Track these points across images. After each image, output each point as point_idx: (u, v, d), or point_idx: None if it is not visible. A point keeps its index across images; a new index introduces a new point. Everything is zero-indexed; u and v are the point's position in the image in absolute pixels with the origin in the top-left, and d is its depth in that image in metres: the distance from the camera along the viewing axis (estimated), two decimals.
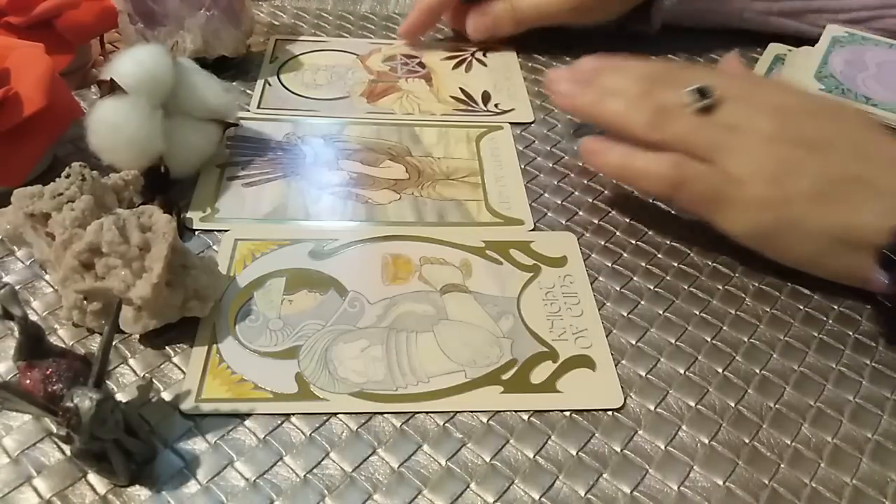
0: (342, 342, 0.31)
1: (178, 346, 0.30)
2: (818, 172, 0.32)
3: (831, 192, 0.32)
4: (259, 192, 0.38)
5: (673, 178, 0.34)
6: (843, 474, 0.28)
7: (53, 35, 0.42)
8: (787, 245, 0.33)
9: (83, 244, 0.29)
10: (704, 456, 0.28)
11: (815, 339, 0.33)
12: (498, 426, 0.28)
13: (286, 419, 0.28)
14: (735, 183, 0.33)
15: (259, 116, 0.44)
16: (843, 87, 0.42)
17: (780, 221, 0.32)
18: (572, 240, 0.37)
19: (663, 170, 0.34)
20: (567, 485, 0.27)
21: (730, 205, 0.33)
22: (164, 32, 0.44)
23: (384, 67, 0.50)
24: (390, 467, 0.27)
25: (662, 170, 0.34)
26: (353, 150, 0.42)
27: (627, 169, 0.36)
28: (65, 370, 0.26)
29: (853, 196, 0.32)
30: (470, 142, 0.43)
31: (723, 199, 0.33)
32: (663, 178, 0.34)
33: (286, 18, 0.55)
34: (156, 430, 0.27)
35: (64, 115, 0.37)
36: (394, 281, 0.34)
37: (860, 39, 0.46)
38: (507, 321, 0.32)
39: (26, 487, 0.26)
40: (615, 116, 0.37)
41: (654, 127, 0.35)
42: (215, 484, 0.26)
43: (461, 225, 0.37)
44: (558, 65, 0.51)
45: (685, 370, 0.31)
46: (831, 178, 0.32)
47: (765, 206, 0.32)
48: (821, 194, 0.32)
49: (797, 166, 0.32)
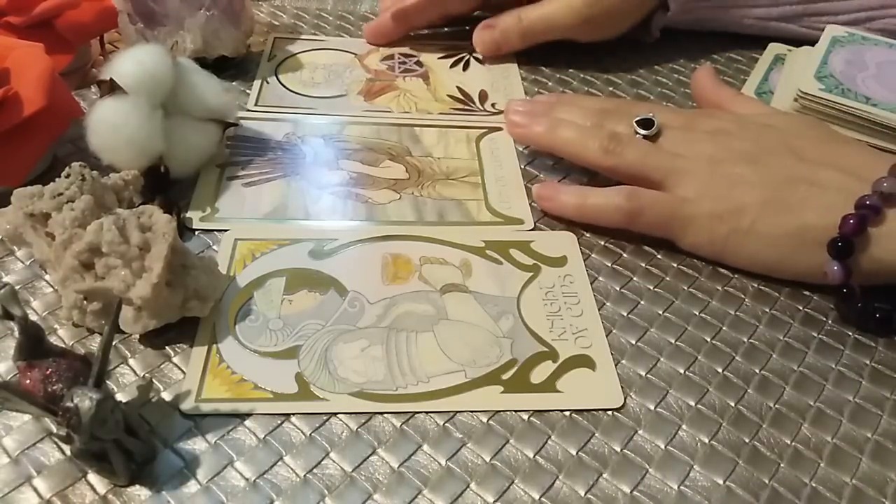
0: (342, 342, 0.31)
1: (178, 346, 0.30)
2: (762, 181, 0.34)
3: (777, 197, 0.34)
4: (259, 191, 0.38)
5: (630, 210, 0.35)
6: (843, 474, 0.28)
7: (53, 35, 0.42)
8: (748, 253, 0.35)
9: (83, 244, 0.29)
10: (704, 455, 0.28)
11: (815, 340, 0.33)
12: (498, 426, 0.28)
13: (286, 419, 0.28)
14: (688, 203, 0.35)
15: (257, 113, 0.44)
16: (843, 87, 0.42)
17: (736, 232, 0.34)
18: (572, 240, 0.37)
19: (619, 202, 0.36)
20: (567, 485, 0.27)
21: (687, 224, 0.35)
22: (164, 32, 0.44)
23: (382, 66, 0.50)
24: (390, 467, 0.27)
25: (618, 202, 0.36)
26: (352, 150, 0.42)
27: (584, 207, 0.37)
28: (65, 370, 0.26)
29: (798, 198, 0.34)
30: (470, 142, 0.43)
31: (679, 220, 0.35)
32: (620, 210, 0.36)
33: (286, 18, 0.55)
34: (156, 430, 0.27)
35: (64, 115, 0.37)
36: (394, 281, 0.34)
37: (860, 39, 0.46)
38: (507, 321, 0.32)
39: (26, 487, 0.25)
40: (568, 144, 0.39)
41: (608, 152, 0.37)
42: (215, 484, 0.26)
43: (461, 225, 0.37)
44: (557, 66, 0.51)
45: (685, 370, 0.31)
46: (775, 184, 0.34)
47: (719, 219, 0.34)
48: (768, 201, 0.34)
49: (742, 179, 0.35)
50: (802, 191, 0.33)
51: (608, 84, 0.50)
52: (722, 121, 0.38)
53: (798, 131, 0.37)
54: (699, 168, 0.35)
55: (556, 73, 0.50)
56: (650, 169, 0.36)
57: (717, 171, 0.35)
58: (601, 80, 0.50)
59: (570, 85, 0.49)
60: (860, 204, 0.32)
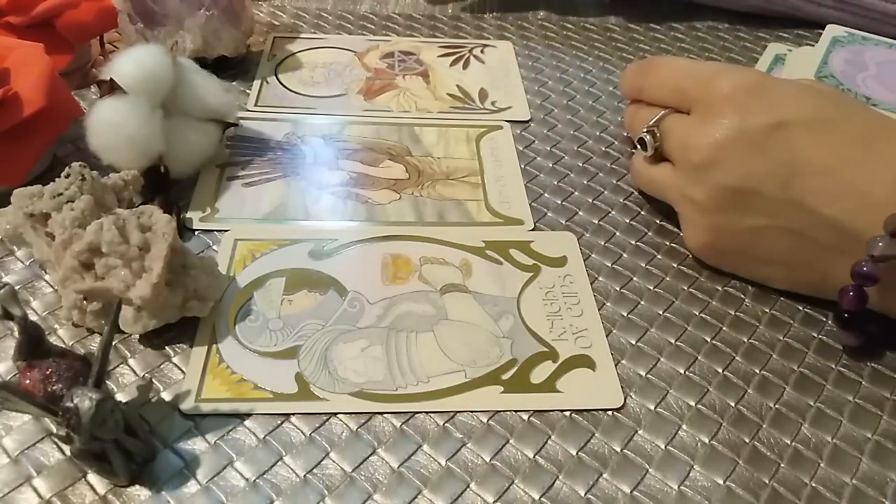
0: (342, 342, 0.31)
1: (178, 346, 0.30)
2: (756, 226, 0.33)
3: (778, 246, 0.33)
4: (259, 191, 0.38)
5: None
6: (843, 474, 0.28)
7: (53, 35, 0.42)
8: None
9: (83, 244, 0.29)
10: (704, 455, 0.28)
11: (815, 340, 0.33)
12: (498, 426, 0.28)
13: (286, 419, 0.28)
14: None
15: (257, 113, 0.44)
16: (843, 87, 0.42)
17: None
18: (572, 240, 0.37)
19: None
20: (567, 485, 0.27)
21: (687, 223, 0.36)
22: (164, 32, 0.44)
23: (381, 64, 0.50)
24: (390, 467, 0.27)
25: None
26: (352, 150, 0.42)
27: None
28: (65, 370, 0.26)
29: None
30: (470, 141, 0.43)
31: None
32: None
33: (286, 18, 0.55)
34: (156, 430, 0.27)
35: (64, 115, 0.37)
36: (394, 281, 0.34)
37: (860, 39, 0.46)
38: (507, 321, 0.32)
39: (26, 487, 0.26)
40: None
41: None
42: (215, 484, 0.26)
43: (461, 225, 0.37)
44: (556, 64, 0.51)
45: (685, 370, 0.31)
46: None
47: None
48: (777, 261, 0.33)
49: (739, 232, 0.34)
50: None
51: (608, 84, 0.50)
52: None
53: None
54: (694, 218, 0.35)
55: (556, 71, 0.50)
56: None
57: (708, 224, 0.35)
58: (601, 79, 0.50)
59: (571, 84, 0.49)
60: (856, 273, 0.30)
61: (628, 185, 0.41)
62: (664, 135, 0.36)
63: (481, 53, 0.52)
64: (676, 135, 0.35)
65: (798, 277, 0.34)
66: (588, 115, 0.46)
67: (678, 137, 0.35)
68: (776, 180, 0.31)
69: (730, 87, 0.33)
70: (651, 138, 0.36)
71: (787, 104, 0.32)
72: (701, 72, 0.35)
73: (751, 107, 0.32)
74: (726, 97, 0.33)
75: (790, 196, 0.31)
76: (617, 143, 0.44)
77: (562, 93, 0.48)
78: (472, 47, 0.52)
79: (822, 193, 0.30)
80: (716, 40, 0.55)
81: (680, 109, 0.36)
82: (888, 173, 0.30)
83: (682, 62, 0.38)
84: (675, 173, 0.35)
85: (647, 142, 0.36)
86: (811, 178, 0.31)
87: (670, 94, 0.36)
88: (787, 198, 0.31)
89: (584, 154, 0.43)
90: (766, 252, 0.33)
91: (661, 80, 0.37)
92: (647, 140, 0.37)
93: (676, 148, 0.35)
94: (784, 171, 0.31)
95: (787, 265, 0.33)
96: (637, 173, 0.39)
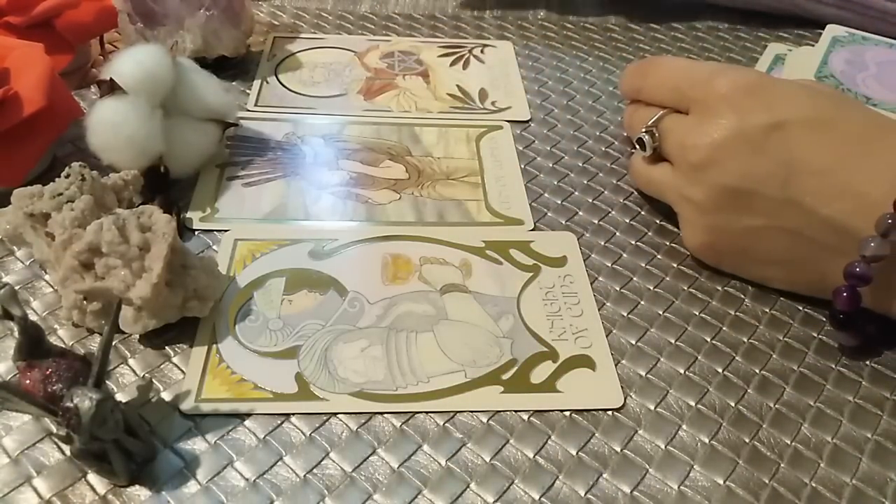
0: (342, 342, 0.31)
1: (178, 346, 0.30)
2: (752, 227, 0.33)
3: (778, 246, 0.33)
4: (259, 191, 0.38)
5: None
6: (843, 474, 0.28)
7: (53, 35, 0.42)
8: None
9: (83, 244, 0.29)
10: (705, 455, 0.28)
11: (815, 340, 0.33)
12: (498, 426, 0.28)
13: (286, 419, 0.28)
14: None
15: (257, 113, 0.44)
16: (843, 87, 0.42)
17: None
18: (572, 240, 0.37)
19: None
20: (567, 485, 0.27)
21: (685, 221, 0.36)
22: (164, 32, 0.44)
23: (381, 64, 0.50)
24: (390, 467, 0.27)
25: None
26: (352, 150, 0.42)
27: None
28: (65, 370, 0.26)
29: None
30: (470, 141, 0.43)
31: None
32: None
33: (286, 18, 0.55)
34: (156, 430, 0.27)
35: (64, 115, 0.37)
36: (394, 281, 0.34)
37: (860, 39, 0.46)
38: (507, 321, 0.32)
39: (26, 487, 0.26)
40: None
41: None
42: (215, 484, 0.26)
43: (461, 225, 0.37)
44: (556, 63, 0.51)
45: (685, 370, 0.31)
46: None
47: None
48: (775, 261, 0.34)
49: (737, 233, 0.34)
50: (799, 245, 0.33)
51: (608, 84, 0.50)
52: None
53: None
54: (691, 218, 0.35)
55: (556, 71, 0.50)
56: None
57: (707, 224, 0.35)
58: (601, 79, 0.50)
59: (571, 84, 0.49)
60: (848, 273, 0.30)
61: (628, 185, 0.41)
62: (663, 135, 0.36)
63: (481, 53, 0.52)
64: (675, 135, 0.35)
65: (797, 277, 0.34)
66: (588, 115, 0.46)
67: (677, 137, 0.35)
68: (775, 180, 0.31)
69: (728, 88, 0.33)
70: (650, 138, 0.36)
71: (785, 104, 0.32)
72: (699, 72, 0.35)
73: (749, 107, 0.32)
74: (725, 97, 0.33)
75: (789, 196, 0.31)
76: (617, 143, 0.44)
77: (562, 93, 0.48)
78: (472, 47, 0.52)
79: (821, 193, 0.30)
80: (716, 40, 0.55)
81: (679, 109, 0.36)
82: (887, 173, 0.30)
83: (680, 62, 0.38)
84: (673, 173, 0.35)
85: (646, 142, 0.36)
86: (809, 178, 0.31)
87: (669, 94, 0.36)
88: (785, 198, 0.31)
89: (584, 154, 0.43)
90: (765, 252, 0.33)
91: (660, 81, 0.37)
92: (645, 140, 0.37)
93: (675, 148, 0.35)
94: (782, 171, 0.31)
95: (786, 265, 0.33)
96: (636, 173, 0.39)
